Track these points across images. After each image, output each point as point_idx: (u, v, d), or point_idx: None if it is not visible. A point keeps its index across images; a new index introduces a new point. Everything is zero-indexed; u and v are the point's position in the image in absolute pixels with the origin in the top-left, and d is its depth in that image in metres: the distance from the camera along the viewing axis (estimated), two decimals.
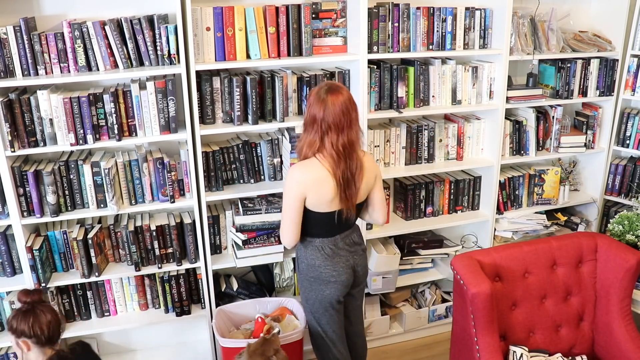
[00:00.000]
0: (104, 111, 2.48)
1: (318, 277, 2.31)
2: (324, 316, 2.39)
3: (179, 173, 2.67)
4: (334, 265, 2.30)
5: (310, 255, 2.31)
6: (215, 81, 2.63)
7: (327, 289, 2.32)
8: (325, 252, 2.29)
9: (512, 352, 2.40)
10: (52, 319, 1.95)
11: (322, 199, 2.20)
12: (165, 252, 2.75)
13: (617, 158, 3.43)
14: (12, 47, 2.34)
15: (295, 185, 2.19)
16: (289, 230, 2.24)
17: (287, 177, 2.24)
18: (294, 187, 2.19)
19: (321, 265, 2.30)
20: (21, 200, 2.48)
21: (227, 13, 2.56)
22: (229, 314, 2.81)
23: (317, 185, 2.18)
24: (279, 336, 2.56)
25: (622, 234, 2.92)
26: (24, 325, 1.91)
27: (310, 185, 2.18)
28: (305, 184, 2.18)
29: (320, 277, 2.31)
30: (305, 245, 2.33)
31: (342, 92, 2.16)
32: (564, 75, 3.17)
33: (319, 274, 2.31)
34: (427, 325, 3.34)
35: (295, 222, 2.23)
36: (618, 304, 2.45)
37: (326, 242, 2.30)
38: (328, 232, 2.29)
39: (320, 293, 2.34)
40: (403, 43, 2.84)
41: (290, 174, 2.22)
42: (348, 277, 2.34)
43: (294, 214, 2.21)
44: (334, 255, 2.30)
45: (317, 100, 2.15)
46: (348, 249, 2.34)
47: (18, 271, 2.63)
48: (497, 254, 2.47)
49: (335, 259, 2.30)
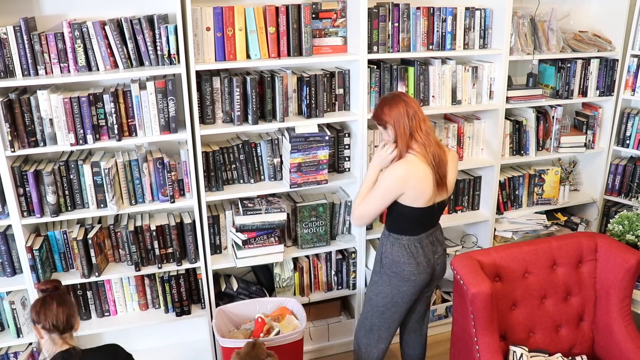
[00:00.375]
0: (104, 111, 2.48)
1: (399, 274, 2.38)
2: (389, 311, 2.46)
3: (179, 173, 2.67)
4: (417, 264, 2.37)
5: (397, 252, 2.37)
6: (215, 81, 2.63)
7: (404, 285, 2.39)
8: (410, 250, 2.36)
9: (512, 352, 2.40)
10: (61, 308, 1.97)
11: (421, 192, 2.26)
12: (165, 252, 2.75)
13: (617, 158, 3.43)
14: (12, 47, 2.34)
15: (398, 181, 2.26)
16: (369, 216, 2.38)
17: (387, 175, 2.29)
18: (395, 183, 2.26)
19: (405, 262, 2.36)
20: (21, 200, 2.48)
21: (227, 13, 2.56)
22: (229, 314, 2.81)
23: (420, 178, 2.25)
24: (279, 336, 2.57)
25: (622, 234, 2.92)
26: (34, 313, 1.98)
27: (413, 181, 2.25)
28: (406, 179, 2.25)
29: (401, 274, 2.38)
30: (392, 242, 2.40)
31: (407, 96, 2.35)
32: (564, 75, 3.17)
33: (401, 270, 2.37)
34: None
35: (379, 211, 2.36)
36: (618, 304, 2.45)
37: (412, 240, 2.37)
38: (415, 230, 2.37)
39: (397, 289, 2.40)
40: (403, 43, 2.84)
41: (391, 172, 2.28)
42: (426, 277, 2.41)
43: (382, 205, 2.33)
44: (418, 254, 2.37)
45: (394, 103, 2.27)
46: (431, 247, 2.41)
47: (18, 271, 2.63)
48: (497, 254, 2.47)
49: (419, 259, 2.37)
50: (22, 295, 2.67)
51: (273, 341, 2.53)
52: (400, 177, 2.25)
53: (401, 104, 2.27)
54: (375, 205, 2.33)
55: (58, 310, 1.96)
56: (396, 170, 2.27)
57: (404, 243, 2.37)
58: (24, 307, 2.68)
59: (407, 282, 2.38)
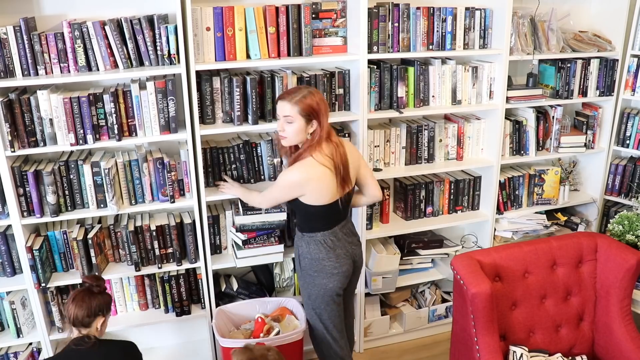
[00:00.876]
0: (104, 111, 2.48)
1: (322, 270, 2.38)
2: (326, 311, 2.45)
3: (179, 173, 2.67)
4: (336, 256, 2.38)
5: (314, 249, 2.38)
6: (215, 81, 2.63)
7: (329, 281, 2.38)
8: (327, 244, 2.37)
9: (512, 352, 2.40)
10: (76, 305, 2.11)
11: (323, 192, 2.29)
12: (165, 252, 2.75)
13: (617, 158, 3.43)
14: (12, 47, 2.34)
15: (295, 184, 2.28)
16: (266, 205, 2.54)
17: (285, 176, 2.32)
18: (292, 186, 2.29)
19: (324, 257, 2.37)
20: (21, 200, 2.48)
21: (227, 13, 2.56)
22: (229, 314, 2.81)
23: (319, 180, 2.27)
24: (279, 336, 2.57)
25: (622, 234, 2.92)
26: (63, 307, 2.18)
27: (311, 184, 2.27)
28: (304, 184, 2.27)
29: (323, 270, 2.37)
30: (307, 241, 2.40)
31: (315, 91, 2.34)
32: (564, 75, 3.17)
33: (322, 267, 2.37)
34: (427, 325, 3.34)
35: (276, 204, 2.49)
36: (618, 304, 2.45)
37: (327, 234, 2.37)
38: (327, 225, 2.37)
39: (323, 287, 2.39)
40: (403, 43, 2.84)
41: (289, 175, 2.30)
42: (348, 268, 2.43)
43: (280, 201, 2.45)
44: (335, 247, 2.38)
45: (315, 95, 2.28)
46: (346, 239, 2.43)
47: (18, 271, 2.63)
48: (497, 254, 2.47)
49: (337, 251, 2.38)
50: (22, 295, 2.67)
51: (273, 341, 2.53)
52: (295, 182, 2.28)
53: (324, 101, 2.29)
54: (273, 201, 2.45)
55: (74, 308, 2.12)
56: (291, 176, 2.29)
57: (319, 239, 2.36)
58: (24, 307, 2.68)
59: (331, 276, 2.38)
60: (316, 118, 2.27)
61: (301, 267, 2.45)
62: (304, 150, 2.29)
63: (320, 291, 2.41)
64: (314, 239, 2.38)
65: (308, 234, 2.39)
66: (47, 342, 2.70)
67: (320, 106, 2.27)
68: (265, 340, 2.54)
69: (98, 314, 2.14)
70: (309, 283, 2.43)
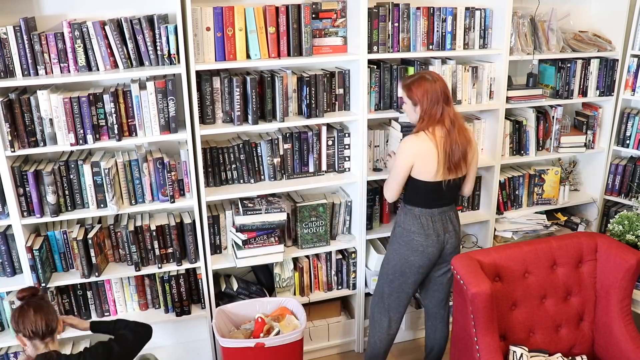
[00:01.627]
0: (104, 111, 2.48)
1: (409, 243, 2.53)
2: (397, 280, 2.60)
3: (179, 173, 2.67)
4: (426, 235, 2.51)
5: (409, 221, 2.54)
6: (215, 81, 2.63)
7: (412, 255, 2.54)
8: (421, 221, 2.52)
9: (512, 352, 2.40)
10: (38, 315, 2.00)
11: (427, 169, 2.44)
12: (165, 252, 2.75)
13: (617, 158, 3.43)
14: (12, 47, 2.34)
15: (407, 153, 2.45)
16: (393, 189, 2.55)
17: (400, 146, 2.49)
18: (405, 155, 2.45)
19: (415, 232, 2.52)
20: (21, 200, 2.48)
21: (227, 13, 2.56)
22: (229, 314, 2.81)
23: (425, 156, 2.42)
24: (279, 336, 2.57)
25: (622, 234, 2.92)
26: (14, 322, 2.02)
27: (419, 155, 2.43)
28: (415, 153, 2.43)
29: (410, 243, 2.53)
30: (405, 212, 2.57)
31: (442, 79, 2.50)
32: (564, 75, 3.17)
33: (410, 239, 2.53)
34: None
35: (400, 183, 2.53)
36: (618, 304, 2.45)
37: (424, 212, 2.52)
38: (427, 203, 2.51)
39: (405, 258, 2.55)
40: (403, 43, 2.84)
41: (403, 144, 2.47)
42: (434, 251, 2.54)
43: (400, 177, 2.51)
44: (428, 226, 2.52)
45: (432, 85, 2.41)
46: (442, 223, 2.54)
47: (18, 271, 2.63)
48: (497, 254, 2.47)
49: (429, 231, 2.51)
50: None
51: (273, 341, 2.53)
52: (408, 148, 2.44)
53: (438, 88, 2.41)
54: (395, 180, 2.52)
55: (36, 317, 2.00)
56: (405, 143, 2.46)
57: (416, 213, 2.52)
58: None
59: (415, 252, 2.52)
60: (418, 104, 2.44)
61: (394, 234, 2.63)
62: (416, 128, 2.48)
63: (400, 260, 2.56)
64: (412, 212, 2.53)
65: (408, 206, 2.55)
66: None
67: (419, 94, 2.42)
68: (265, 340, 2.54)
69: (57, 315, 2.07)
70: (394, 250, 2.59)
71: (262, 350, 2.53)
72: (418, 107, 2.45)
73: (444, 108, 2.42)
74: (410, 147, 2.45)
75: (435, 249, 2.54)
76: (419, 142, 2.43)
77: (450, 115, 2.43)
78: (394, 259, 2.60)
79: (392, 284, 2.63)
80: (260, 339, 2.55)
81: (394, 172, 2.52)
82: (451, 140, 2.41)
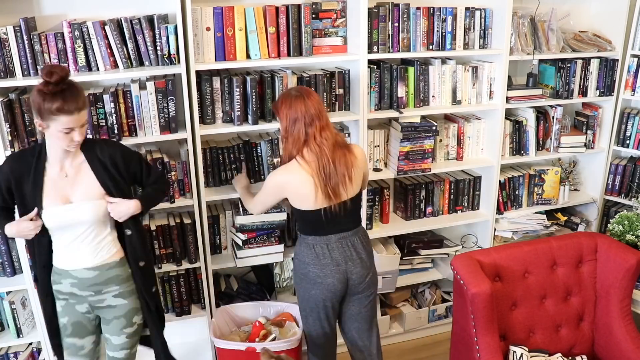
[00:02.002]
0: (104, 111, 2.48)
1: (306, 275, 2.31)
2: (310, 316, 2.40)
3: (179, 173, 2.67)
4: (321, 266, 2.28)
5: (303, 252, 2.33)
6: (215, 81, 2.63)
7: (313, 289, 2.31)
8: (315, 250, 2.29)
9: (512, 352, 2.40)
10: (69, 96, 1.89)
11: (303, 198, 2.23)
12: (166, 252, 2.75)
13: (617, 158, 3.43)
14: (12, 47, 2.34)
15: (275, 186, 2.28)
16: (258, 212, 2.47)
17: (268, 179, 2.32)
18: (273, 188, 2.29)
19: (309, 263, 2.29)
20: None
21: (227, 13, 2.56)
22: (232, 314, 2.81)
23: (297, 186, 2.22)
24: (275, 342, 2.56)
25: (622, 234, 2.92)
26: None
27: (290, 187, 2.24)
28: (284, 186, 2.26)
29: (307, 276, 2.31)
30: (299, 242, 2.37)
31: (312, 93, 2.25)
32: (564, 75, 3.17)
33: (307, 272, 2.31)
34: (427, 325, 3.34)
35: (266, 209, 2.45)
36: (618, 304, 2.45)
37: (318, 240, 2.29)
38: (319, 231, 2.28)
39: (307, 292, 2.34)
40: (403, 43, 2.84)
41: (271, 177, 2.30)
42: (335, 283, 2.28)
43: (268, 204, 2.40)
44: (324, 256, 2.28)
45: (293, 101, 2.20)
46: (342, 251, 2.29)
47: (18, 271, 2.63)
48: (497, 254, 2.47)
49: (325, 260, 2.28)
50: (22, 295, 2.67)
51: (268, 347, 2.52)
52: (277, 183, 2.27)
53: (300, 105, 2.18)
54: (261, 205, 2.41)
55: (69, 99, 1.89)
56: (274, 177, 2.29)
57: (309, 242, 2.30)
58: (24, 307, 2.68)
59: (314, 285, 2.29)
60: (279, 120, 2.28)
61: (294, 266, 2.43)
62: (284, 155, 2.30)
63: (305, 295, 2.36)
64: (305, 241, 2.32)
65: (302, 235, 2.35)
66: (47, 342, 2.69)
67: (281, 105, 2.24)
68: (257, 345, 2.53)
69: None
70: (297, 283, 2.40)
71: (254, 354, 2.51)
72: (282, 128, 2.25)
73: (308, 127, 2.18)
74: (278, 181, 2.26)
75: (335, 280, 2.27)
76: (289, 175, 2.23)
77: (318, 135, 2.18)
78: (300, 295, 2.39)
79: (307, 321, 2.41)
80: (252, 344, 2.55)
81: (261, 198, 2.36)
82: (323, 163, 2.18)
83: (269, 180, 2.31)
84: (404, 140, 2.87)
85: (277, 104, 2.28)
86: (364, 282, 2.34)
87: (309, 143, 2.20)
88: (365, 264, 2.33)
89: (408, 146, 2.89)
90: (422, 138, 2.91)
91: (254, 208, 2.46)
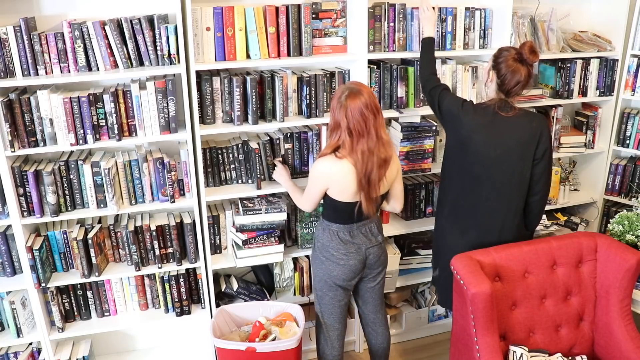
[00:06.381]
0: (104, 111, 2.48)
1: (329, 258, 2.48)
2: (327, 295, 2.55)
3: (179, 173, 2.67)
4: (345, 250, 2.46)
5: (326, 237, 2.49)
6: (215, 81, 2.63)
7: (335, 269, 2.48)
8: (339, 237, 2.46)
9: (512, 352, 2.40)
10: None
11: (343, 189, 2.37)
12: (165, 252, 2.75)
13: (617, 158, 3.43)
14: (12, 47, 2.34)
15: (320, 176, 2.38)
16: (307, 206, 2.53)
17: (314, 168, 2.41)
18: (319, 178, 2.39)
19: (334, 247, 2.47)
20: (21, 200, 2.48)
21: (227, 13, 2.56)
22: (232, 314, 2.81)
23: (341, 176, 2.34)
24: (275, 342, 2.56)
25: (622, 234, 2.92)
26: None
27: (335, 178, 2.35)
28: (330, 176, 2.36)
29: (330, 258, 2.48)
30: (323, 228, 2.51)
31: (360, 96, 2.28)
32: (564, 75, 3.17)
33: (330, 255, 2.48)
34: (427, 325, 3.34)
35: (315, 202, 2.49)
36: (618, 304, 2.45)
37: (342, 227, 2.47)
38: (346, 220, 2.46)
39: (328, 272, 2.49)
40: (399, 43, 2.84)
41: (316, 166, 2.39)
42: (356, 263, 2.49)
43: (315, 197, 2.47)
44: (347, 242, 2.47)
45: (339, 106, 2.30)
46: (363, 238, 2.49)
47: (18, 271, 2.63)
48: (497, 254, 2.47)
49: (348, 245, 2.47)
50: (22, 295, 2.67)
51: (266, 347, 2.53)
52: (322, 173, 2.37)
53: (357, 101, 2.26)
54: (309, 199, 2.49)
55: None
56: (319, 166, 2.38)
57: (333, 229, 2.47)
58: (24, 307, 2.68)
59: (337, 265, 2.47)
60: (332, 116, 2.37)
61: (314, 249, 2.58)
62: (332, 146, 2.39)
63: (325, 274, 2.51)
64: (329, 228, 2.48)
65: (326, 222, 2.50)
66: (47, 342, 2.70)
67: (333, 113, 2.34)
68: (258, 345, 2.53)
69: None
70: (317, 265, 2.54)
71: (254, 354, 2.52)
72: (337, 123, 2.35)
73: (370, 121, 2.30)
74: (323, 171, 2.37)
75: (356, 261, 2.49)
76: (333, 166, 2.34)
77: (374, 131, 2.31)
78: (318, 275, 2.54)
79: (322, 301, 2.57)
80: (252, 344, 2.55)
81: (309, 189, 2.46)
82: (368, 158, 2.31)
83: (313, 170, 2.41)
84: (404, 140, 2.87)
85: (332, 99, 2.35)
86: (379, 260, 2.57)
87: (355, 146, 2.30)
88: (380, 245, 2.57)
89: (408, 146, 2.90)
90: (422, 138, 2.92)
91: (305, 204, 2.54)
